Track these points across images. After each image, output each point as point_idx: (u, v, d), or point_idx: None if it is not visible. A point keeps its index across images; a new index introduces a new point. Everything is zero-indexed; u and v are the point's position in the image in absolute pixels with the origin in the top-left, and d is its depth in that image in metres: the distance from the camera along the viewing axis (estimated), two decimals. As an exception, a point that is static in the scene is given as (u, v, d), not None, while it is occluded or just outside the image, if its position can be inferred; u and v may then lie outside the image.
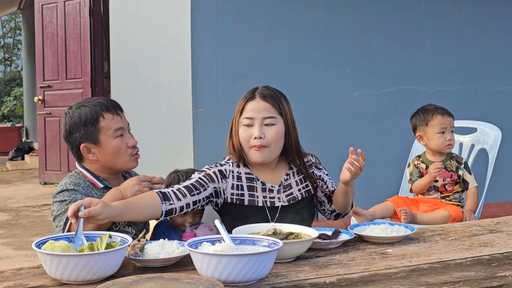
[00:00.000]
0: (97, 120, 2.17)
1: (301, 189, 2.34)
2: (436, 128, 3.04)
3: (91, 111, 2.17)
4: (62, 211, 2.09)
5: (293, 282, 1.57)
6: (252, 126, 2.24)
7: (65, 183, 2.18)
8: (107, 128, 2.18)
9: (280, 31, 4.45)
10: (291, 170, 2.35)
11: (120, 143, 2.20)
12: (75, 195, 2.12)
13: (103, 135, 2.18)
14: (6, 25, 26.24)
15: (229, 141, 2.33)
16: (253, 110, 2.26)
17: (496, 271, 1.66)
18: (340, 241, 1.95)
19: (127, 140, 2.21)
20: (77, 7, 7.18)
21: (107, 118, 2.18)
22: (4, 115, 16.90)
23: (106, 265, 1.55)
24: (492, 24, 5.20)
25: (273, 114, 2.25)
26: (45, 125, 7.55)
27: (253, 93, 2.31)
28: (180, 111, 4.38)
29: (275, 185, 2.29)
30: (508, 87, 5.28)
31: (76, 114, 2.19)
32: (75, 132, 2.19)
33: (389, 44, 4.82)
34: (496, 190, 4.16)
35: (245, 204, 2.26)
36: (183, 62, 4.31)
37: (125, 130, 2.23)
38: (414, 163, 3.14)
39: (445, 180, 3.05)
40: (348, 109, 4.66)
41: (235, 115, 2.32)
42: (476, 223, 2.34)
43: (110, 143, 2.18)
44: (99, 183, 2.21)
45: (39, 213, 6.10)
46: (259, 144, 2.21)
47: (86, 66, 7.16)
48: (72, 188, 2.14)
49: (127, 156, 2.21)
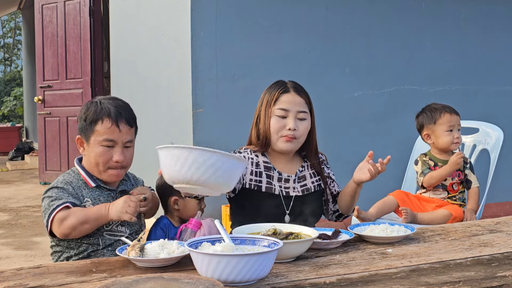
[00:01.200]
0: (95, 122, 2.17)
1: (314, 182, 2.41)
2: (444, 126, 3.05)
3: (96, 111, 2.18)
4: (48, 208, 2.09)
5: (293, 282, 1.57)
6: (286, 118, 2.30)
7: (57, 181, 2.19)
8: (99, 134, 2.17)
9: (280, 31, 4.45)
10: (305, 163, 2.43)
11: (103, 152, 2.17)
12: (62, 193, 2.12)
13: (94, 138, 2.18)
14: (6, 25, 26.25)
15: (254, 129, 2.38)
16: (289, 102, 2.31)
17: (496, 271, 1.66)
18: (340, 241, 1.95)
19: (114, 154, 2.18)
20: (77, 7, 7.18)
21: (104, 125, 2.17)
22: (4, 115, 16.91)
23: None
24: (492, 24, 5.20)
25: (305, 109, 2.34)
26: (45, 125, 7.55)
27: (285, 85, 2.36)
28: (180, 111, 4.38)
29: (291, 174, 2.36)
30: (508, 87, 5.28)
31: (87, 107, 2.22)
32: (79, 122, 2.23)
33: (389, 44, 4.82)
34: (497, 190, 4.16)
35: (262, 190, 2.31)
36: (183, 62, 4.31)
37: (117, 144, 2.18)
38: (422, 159, 3.13)
39: (454, 179, 3.06)
40: (348, 109, 4.67)
41: (264, 105, 2.35)
42: (476, 223, 2.34)
43: (95, 148, 2.18)
44: (92, 182, 2.21)
45: (39, 213, 6.10)
46: (291, 135, 2.28)
47: (86, 66, 7.16)
48: (62, 187, 2.15)
49: (103, 167, 2.19)
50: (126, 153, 2.20)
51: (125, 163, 2.21)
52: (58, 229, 2.06)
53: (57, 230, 2.07)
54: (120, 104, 2.22)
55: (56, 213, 2.05)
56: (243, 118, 4.39)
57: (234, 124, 4.30)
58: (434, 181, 3.04)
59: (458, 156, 2.99)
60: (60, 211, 2.06)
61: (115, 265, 1.76)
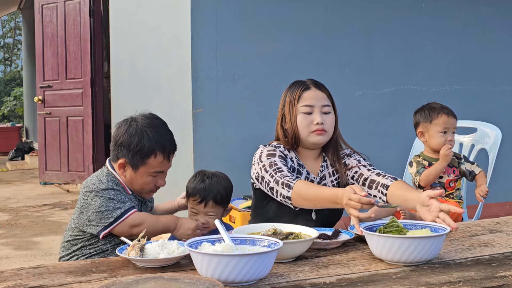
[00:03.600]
0: (149, 156, 2.20)
1: (333, 181, 2.42)
2: (439, 127, 3.05)
3: (150, 145, 2.19)
4: (110, 209, 2.13)
5: (293, 282, 1.57)
6: (311, 114, 2.33)
7: (107, 181, 2.20)
8: (151, 167, 2.22)
9: (280, 31, 4.45)
10: (325, 163, 2.43)
11: (151, 181, 2.25)
12: (120, 196, 2.17)
13: (144, 169, 2.22)
14: (6, 25, 26.23)
15: (279, 129, 2.40)
16: (312, 98, 2.34)
17: (496, 271, 1.66)
18: (340, 241, 1.95)
19: (159, 180, 2.27)
20: (77, 7, 7.18)
21: (157, 159, 2.22)
22: (4, 115, 16.89)
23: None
24: (492, 24, 5.20)
25: (328, 102, 2.37)
26: (45, 125, 7.55)
27: (304, 83, 2.39)
28: (180, 111, 4.38)
29: (316, 176, 2.39)
30: (508, 87, 5.28)
31: (137, 137, 2.19)
32: (126, 148, 2.21)
33: (389, 44, 4.82)
34: (496, 190, 4.15)
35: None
36: (183, 62, 4.31)
37: (163, 173, 2.28)
38: (416, 160, 3.14)
39: (449, 176, 3.06)
40: (348, 109, 4.66)
41: (287, 104, 2.36)
42: (476, 223, 2.34)
43: (144, 177, 2.23)
44: (129, 190, 2.26)
45: (39, 213, 6.10)
46: (321, 128, 2.31)
47: (86, 66, 7.16)
48: (118, 189, 2.19)
49: (147, 191, 2.28)
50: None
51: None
52: (128, 231, 2.11)
53: (123, 232, 2.11)
54: (170, 135, 2.27)
55: (129, 216, 2.12)
56: (243, 118, 4.41)
57: (234, 124, 4.30)
58: (431, 177, 3.04)
59: (445, 148, 2.99)
60: (132, 215, 2.13)
61: (115, 265, 1.76)
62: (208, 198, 2.36)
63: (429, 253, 1.70)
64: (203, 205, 2.37)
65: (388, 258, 1.73)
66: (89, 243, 2.19)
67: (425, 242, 1.68)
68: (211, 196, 2.36)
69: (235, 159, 4.20)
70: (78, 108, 7.27)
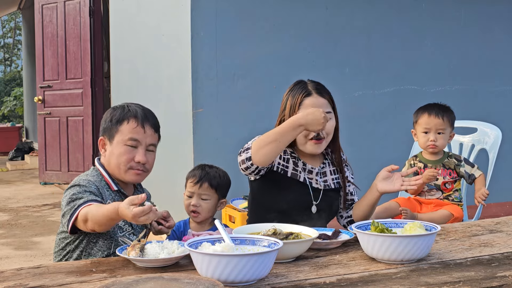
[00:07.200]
0: (121, 121, 2.20)
1: (334, 179, 2.44)
2: (421, 127, 3.06)
3: (122, 112, 2.22)
4: (69, 208, 2.06)
5: (293, 282, 1.57)
6: None
7: (79, 179, 2.18)
8: (124, 133, 2.20)
9: (280, 31, 4.45)
10: (326, 161, 2.45)
11: (126, 152, 2.19)
12: (82, 193, 2.09)
13: (118, 137, 2.20)
14: (6, 25, 26.23)
15: None
16: (313, 105, 2.31)
17: (496, 271, 1.66)
18: (340, 241, 1.95)
19: (136, 154, 2.20)
20: (77, 7, 7.18)
21: (130, 125, 2.20)
22: (4, 115, 16.89)
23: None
24: (493, 24, 5.20)
25: (329, 109, 2.37)
26: (45, 125, 7.55)
27: (306, 88, 2.36)
28: (180, 111, 4.38)
29: (315, 166, 2.39)
30: (508, 87, 5.28)
31: (113, 109, 2.27)
32: (103, 123, 2.26)
33: (389, 44, 4.82)
34: (496, 190, 4.15)
35: (288, 175, 2.34)
36: (183, 62, 4.31)
37: (140, 145, 2.21)
38: (410, 162, 3.13)
39: (445, 178, 3.05)
40: (348, 109, 4.66)
41: (288, 109, 2.35)
42: (476, 223, 2.34)
43: (118, 148, 2.20)
44: (114, 185, 2.22)
45: (39, 213, 6.10)
46: (320, 137, 2.32)
47: (86, 66, 7.16)
48: (84, 184, 2.13)
49: (124, 167, 2.20)
50: (148, 156, 2.22)
51: (147, 165, 2.22)
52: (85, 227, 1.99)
53: (85, 229, 2.02)
54: (146, 109, 2.28)
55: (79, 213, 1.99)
56: (243, 118, 4.40)
57: (234, 124, 4.30)
58: (412, 191, 3.01)
59: (430, 172, 2.93)
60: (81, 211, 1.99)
61: (115, 265, 1.76)
62: (204, 179, 2.48)
63: (419, 252, 1.74)
64: (198, 186, 2.47)
65: (379, 256, 1.76)
66: (76, 246, 2.13)
67: (416, 241, 1.72)
68: (207, 178, 2.48)
69: (235, 159, 4.16)
70: (78, 108, 7.27)
